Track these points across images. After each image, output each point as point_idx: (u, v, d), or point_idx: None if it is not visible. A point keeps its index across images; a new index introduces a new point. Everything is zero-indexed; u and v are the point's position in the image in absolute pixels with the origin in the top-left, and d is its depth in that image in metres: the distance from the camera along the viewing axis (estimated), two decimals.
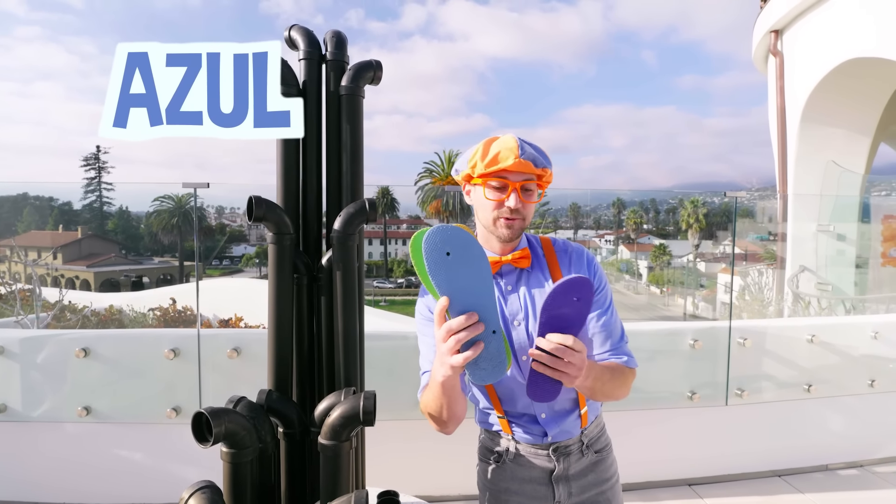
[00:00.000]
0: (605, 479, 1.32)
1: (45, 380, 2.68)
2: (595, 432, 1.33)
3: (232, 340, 2.68)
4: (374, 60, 1.40)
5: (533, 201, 1.20)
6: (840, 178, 5.91)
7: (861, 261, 6.02)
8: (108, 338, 2.76)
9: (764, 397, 3.11)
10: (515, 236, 1.21)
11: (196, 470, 2.72)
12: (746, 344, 3.07)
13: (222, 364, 2.67)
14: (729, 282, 8.14)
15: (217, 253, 55.13)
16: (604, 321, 1.23)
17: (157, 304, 5.05)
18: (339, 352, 1.25)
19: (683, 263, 39.19)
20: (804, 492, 2.99)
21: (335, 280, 1.25)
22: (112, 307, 5.10)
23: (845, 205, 5.89)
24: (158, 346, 2.67)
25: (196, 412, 1.13)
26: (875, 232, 6.03)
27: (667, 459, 3.06)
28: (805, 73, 6.01)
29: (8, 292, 5.68)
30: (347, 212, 1.26)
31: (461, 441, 1.64)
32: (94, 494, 2.74)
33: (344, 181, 1.37)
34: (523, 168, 1.15)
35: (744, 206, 10.51)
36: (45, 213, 41.51)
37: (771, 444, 3.18)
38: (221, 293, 7.09)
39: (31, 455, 2.74)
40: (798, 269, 5.83)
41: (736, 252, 14.08)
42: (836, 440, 3.28)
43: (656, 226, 59.41)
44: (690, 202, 46.52)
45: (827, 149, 6.04)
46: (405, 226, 56.06)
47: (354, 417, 1.04)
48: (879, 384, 3.26)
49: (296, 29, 1.42)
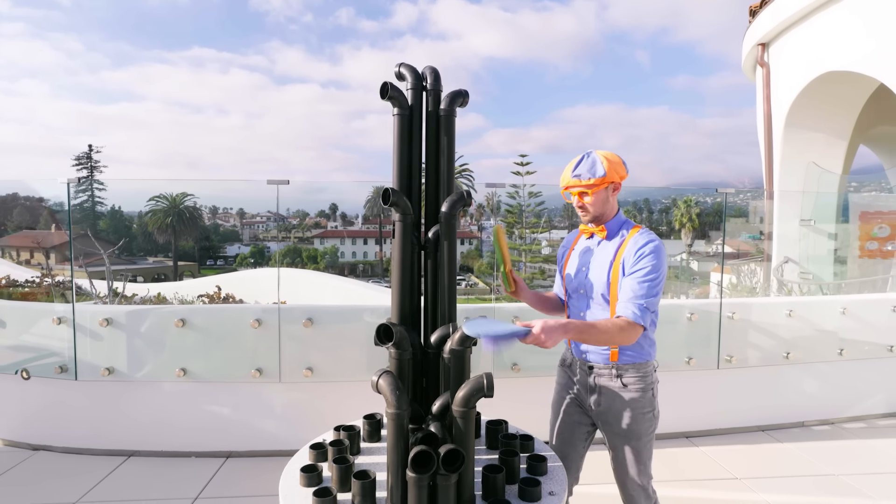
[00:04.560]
0: (630, 406, 1.77)
1: (147, 346, 3.18)
2: (630, 371, 1.78)
3: (306, 312, 3.19)
4: (463, 90, 1.92)
5: (588, 202, 1.78)
6: (820, 177, 6.50)
7: (840, 253, 6.61)
8: (201, 311, 3.26)
9: (749, 363, 3.66)
10: (590, 220, 1.83)
11: (275, 422, 3.25)
12: (735, 318, 3.61)
13: (297, 332, 3.18)
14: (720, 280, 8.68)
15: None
16: (628, 283, 1.69)
17: (203, 291, 5.54)
18: (444, 299, 1.76)
19: (677, 262, 39.75)
20: (783, 442, 3.54)
21: (441, 248, 1.76)
22: (160, 294, 5.58)
23: (826, 202, 6.48)
24: (244, 317, 3.18)
25: (380, 324, 1.61)
26: (853, 227, 6.63)
27: (667, 415, 3.58)
28: (788, 83, 6.61)
29: (55, 283, 6.15)
30: (451, 199, 1.77)
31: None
32: (187, 444, 3.23)
33: (441, 178, 1.87)
34: (574, 183, 1.79)
35: (737, 206, 10.96)
36: (35, 213, 41.46)
37: (756, 403, 3.72)
38: (253, 282, 7.62)
39: (134, 410, 3.24)
40: (783, 258, 6.41)
41: (728, 251, 14.64)
42: (811, 400, 3.83)
43: (650, 225, 60.07)
44: (683, 202, 47.07)
45: (808, 151, 6.65)
46: None
47: (468, 337, 1.56)
48: (848, 353, 3.81)
49: (404, 66, 1.93)
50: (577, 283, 1.85)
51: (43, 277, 6.46)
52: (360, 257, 55.58)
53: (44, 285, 6.21)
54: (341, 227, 65.34)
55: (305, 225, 62.64)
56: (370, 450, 1.82)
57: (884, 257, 6.39)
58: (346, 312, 3.31)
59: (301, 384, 3.20)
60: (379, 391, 1.46)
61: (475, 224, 44.32)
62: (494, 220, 48.32)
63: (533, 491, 1.50)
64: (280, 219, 51.68)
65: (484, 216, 42.96)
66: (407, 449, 1.40)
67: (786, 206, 6.89)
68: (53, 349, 3.19)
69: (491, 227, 2.22)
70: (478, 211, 42.85)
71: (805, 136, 6.59)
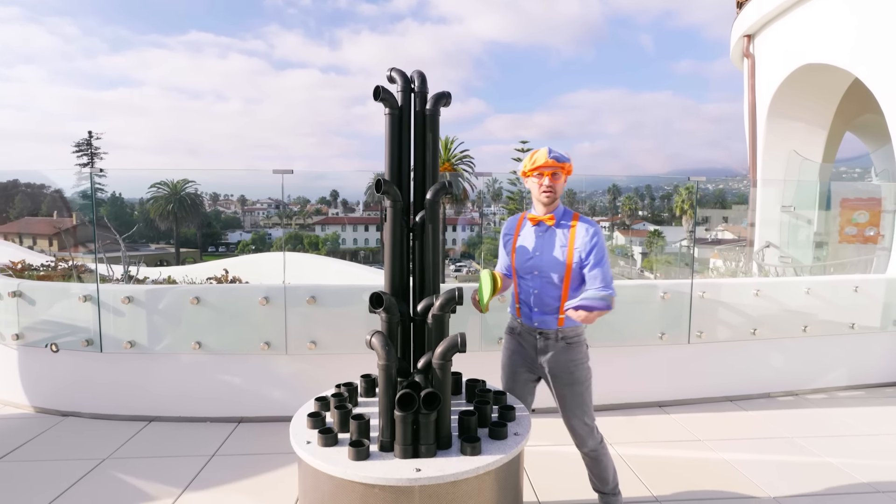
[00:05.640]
0: (571, 359, 2.14)
1: (165, 322, 3.49)
2: (570, 334, 2.15)
3: (310, 291, 3.49)
4: (446, 92, 2.19)
5: (559, 181, 2.07)
6: (801, 165, 6.74)
7: (820, 237, 6.89)
8: (214, 290, 3.56)
9: (718, 338, 3.96)
10: (548, 203, 2.10)
11: (281, 390, 3.57)
12: (705, 296, 3.91)
13: (302, 309, 3.49)
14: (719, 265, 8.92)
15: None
16: (597, 273, 2.05)
17: (210, 274, 5.85)
18: (429, 273, 2.06)
19: (676, 249, 40.05)
20: (748, 410, 3.85)
21: (427, 230, 2.05)
22: (170, 277, 5.89)
23: (807, 190, 6.73)
24: (254, 296, 3.48)
25: (373, 292, 1.90)
26: (834, 213, 6.90)
27: (643, 386, 3.91)
28: (771, 74, 6.84)
29: (69, 267, 6.47)
30: (434, 188, 2.05)
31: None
32: (203, 411, 3.56)
33: (427, 169, 2.15)
34: (551, 163, 2.04)
35: (740, 193, 11.14)
36: (37, 199, 41.61)
37: (724, 375, 4.03)
38: (256, 266, 7.93)
39: (154, 380, 3.56)
40: (764, 243, 6.69)
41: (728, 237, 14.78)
42: (776, 373, 4.14)
43: (651, 212, 60.16)
44: (685, 189, 47.09)
45: (790, 140, 6.90)
46: None
47: (452, 300, 1.85)
48: (811, 330, 4.12)
49: (395, 71, 2.20)
50: (530, 265, 2.14)
51: (58, 262, 6.77)
52: (361, 244, 55.87)
53: (59, 269, 6.53)
54: (342, 213, 65.54)
55: (306, 212, 62.83)
56: (366, 403, 2.13)
57: (863, 242, 6.67)
58: (346, 292, 3.61)
59: (305, 356, 3.52)
60: (371, 347, 1.76)
61: (476, 211, 44.49)
62: (495, 206, 48.06)
63: (500, 431, 1.81)
64: (283, 206, 51.94)
65: (484, 203, 43.09)
66: (395, 394, 1.71)
67: (769, 192, 7.16)
68: (80, 325, 3.50)
69: (491, 213, 2.55)
70: (479, 198, 42.97)
71: (787, 125, 6.84)
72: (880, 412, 3.85)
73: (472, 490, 1.64)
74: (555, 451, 3.08)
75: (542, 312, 2.14)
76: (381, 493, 1.58)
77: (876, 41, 5.41)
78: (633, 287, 4.07)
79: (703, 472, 2.94)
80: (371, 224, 55.23)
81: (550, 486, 2.77)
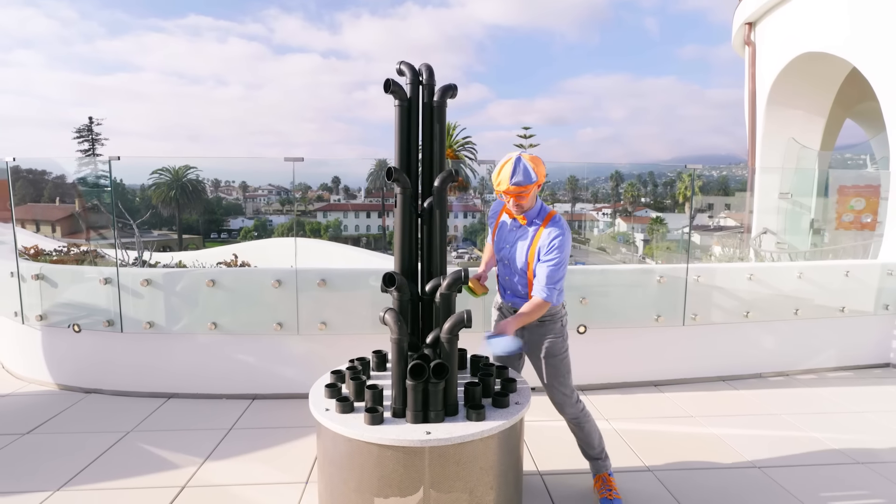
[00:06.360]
0: (544, 335, 2.34)
1: (182, 303, 3.65)
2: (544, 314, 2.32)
3: (320, 275, 3.64)
4: (452, 84, 2.31)
5: (524, 201, 2.20)
6: (799, 153, 6.84)
7: (818, 224, 7.01)
8: (229, 273, 3.72)
9: (712, 320, 4.11)
10: (521, 213, 2.26)
11: (293, 370, 3.74)
12: (700, 280, 4.05)
13: (313, 291, 3.64)
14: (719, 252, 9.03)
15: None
16: (541, 270, 2.20)
17: (218, 259, 6.01)
18: (437, 255, 2.20)
19: (678, 236, 40.09)
20: (740, 389, 4.02)
21: (434, 215, 2.19)
22: (181, 262, 6.05)
23: (805, 177, 6.84)
24: (266, 279, 3.64)
25: (386, 273, 2.05)
26: (832, 200, 7.02)
27: (639, 366, 4.07)
28: (771, 62, 6.91)
29: (82, 251, 6.64)
30: (441, 176, 2.18)
31: None
32: (219, 388, 3.74)
33: (434, 158, 2.29)
34: (515, 190, 2.15)
35: (743, 180, 11.19)
36: (39, 186, 41.69)
37: (718, 356, 4.19)
38: (261, 251, 8.10)
39: (172, 358, 3.73)
40: (761, 230, 6.81)
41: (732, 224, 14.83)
42: (768, 355, 4.30)
43: (654, 199, 60.10)
44: (688, 175, 46.83)
45: (789, 127, 6.98)
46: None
47: (458, 280, 2.00)
48: (802, 313, 4.26)
49: (404, 64, 2.32)
50: (501, 255, 2.38)
51: (70, 247, 6.94)
52: (363, 230, 55.99)
53: (72, 254, 6.70)
54: (344, 200, 65.55)
55: (308, 198, 62.86)
56: (377, 376, 2.29)
57: (859, 229, 6.79)
58: (354, 275, 3.76)
59: (316, 336, 3.68)
60: (385, 323, 1.92)
61: (478, 198, 44.54)
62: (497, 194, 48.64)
63: (503, 400, 1.97)
64: (290, 193, 51.98)
65: (486, 190, 43.07)
66: (406, 365, 1.87)
67: (767, 179, 7.26)
68: (100, 306, 3.67)
69: (493, 199, 2.75)
70: (480, 185, 42.97)
71: (786, 113, 6.93)
72: (866, 391, 4.01)
73: (478, 451, 1.81)
74: (553, 426, 3.25)
75: (513, 295, 2.39)
76: (395, 454, 1.74)
77: (872, 30, 5.49)
78: (630, 271, 4.22)
79: (694, 445, 3.11)
80: (373, 211, 55.34)
81: (548, 456, 2.94)
